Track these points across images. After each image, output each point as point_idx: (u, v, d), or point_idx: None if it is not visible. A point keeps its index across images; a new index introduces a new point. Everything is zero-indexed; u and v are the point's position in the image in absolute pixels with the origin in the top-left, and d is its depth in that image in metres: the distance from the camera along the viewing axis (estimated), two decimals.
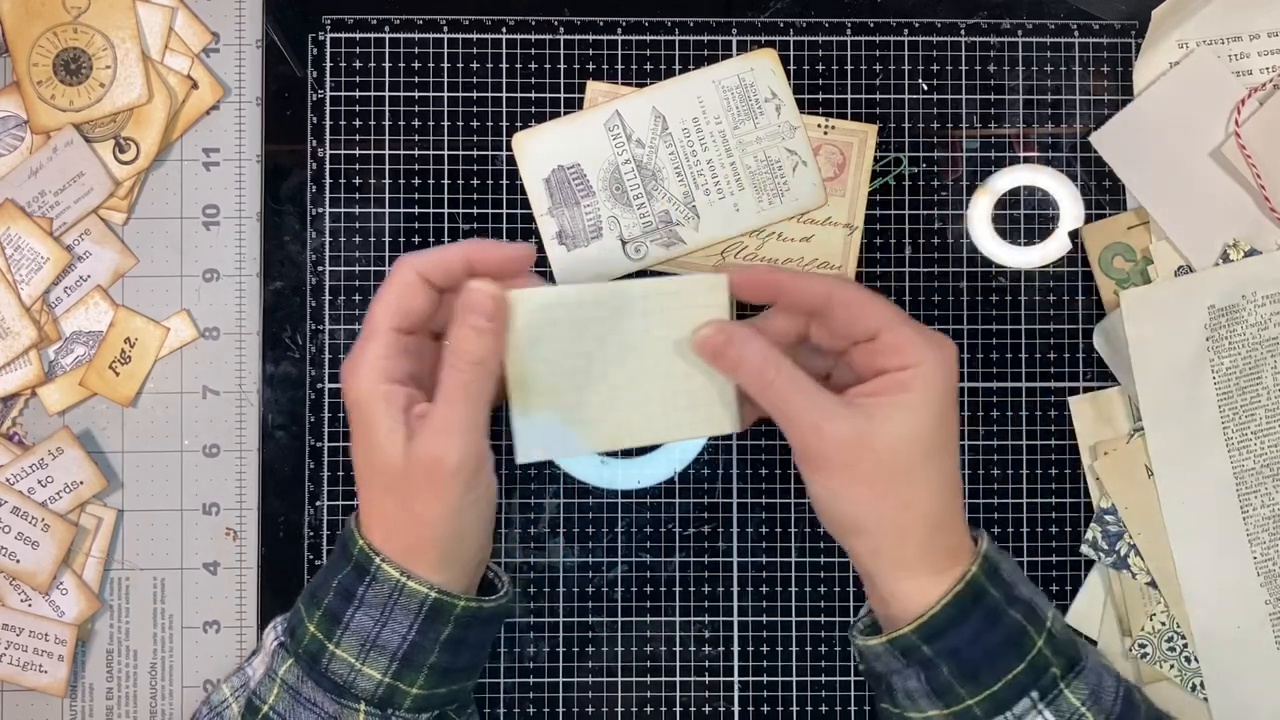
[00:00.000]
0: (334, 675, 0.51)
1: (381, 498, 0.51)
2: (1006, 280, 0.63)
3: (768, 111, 0.61)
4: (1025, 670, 0.51)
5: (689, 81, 0.62)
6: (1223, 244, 0.61)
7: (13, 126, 0.61)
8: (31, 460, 0.60)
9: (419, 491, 0.50)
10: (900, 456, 0.50)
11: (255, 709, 0.52)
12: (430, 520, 0.50)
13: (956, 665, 0.51)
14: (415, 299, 0.51)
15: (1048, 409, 0.62)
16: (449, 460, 0.49)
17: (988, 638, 0.51)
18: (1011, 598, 0.52)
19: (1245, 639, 0.60)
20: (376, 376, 0.50)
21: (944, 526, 0.51)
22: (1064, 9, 0.63)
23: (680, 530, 0.62)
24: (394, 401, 0.50)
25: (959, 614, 0.51)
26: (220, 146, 0.63)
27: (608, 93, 0.62)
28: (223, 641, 0.62)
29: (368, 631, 0.50)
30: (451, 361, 0.50)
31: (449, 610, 0.51)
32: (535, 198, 0.62)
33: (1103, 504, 0.61)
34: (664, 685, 0.62)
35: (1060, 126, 0.63)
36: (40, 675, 0.61)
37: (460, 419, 0.49)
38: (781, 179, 0.61)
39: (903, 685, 0.52)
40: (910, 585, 0.51)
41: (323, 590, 0.52)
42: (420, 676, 0.51)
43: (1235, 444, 0.60)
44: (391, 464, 0.50)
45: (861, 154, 0.62)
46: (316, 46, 0.62)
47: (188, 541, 0.62)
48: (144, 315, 0.62)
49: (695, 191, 0.61)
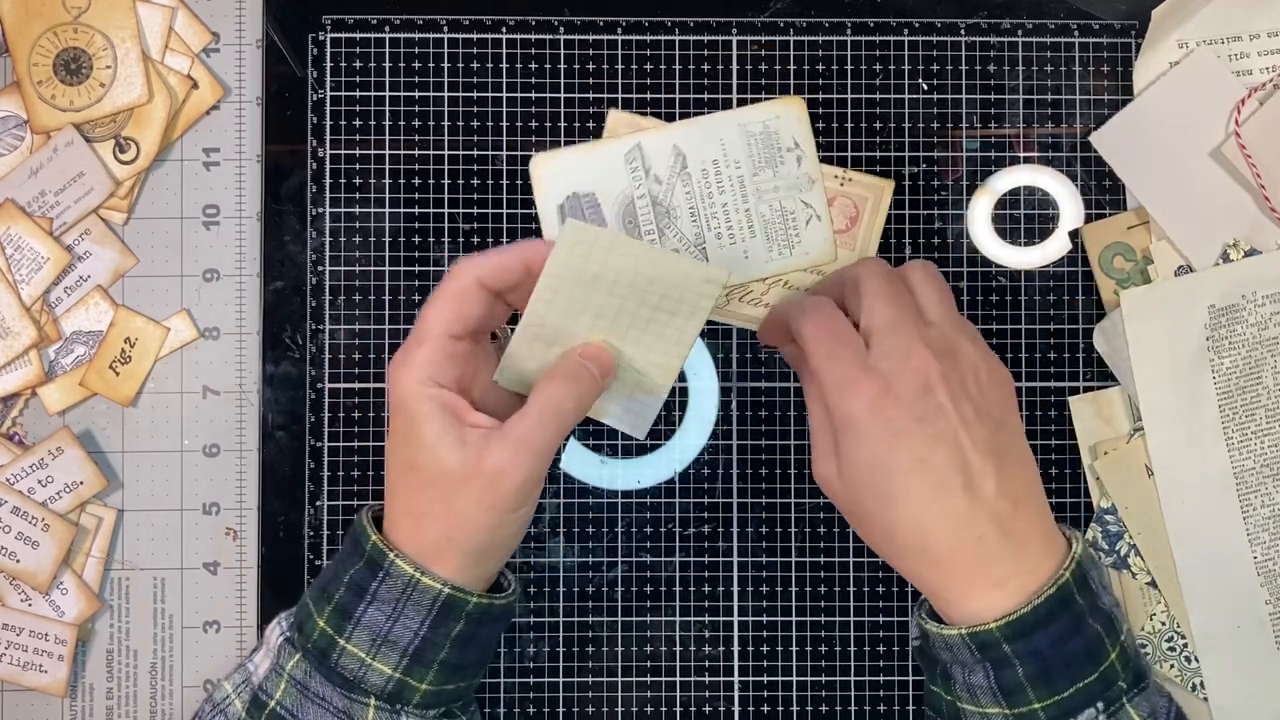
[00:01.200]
0: (344, 670, 0.51)
1: (416, 494, 0.51)
2: (1006, 280, 0.63)
3: (789, 161, 0.61)
4: (1097, 680, 0.50)
5: (713, 122, 0.61)
6: (1223, 244, 0.61)
7: (13, 126, 0.61)
8: (31, 460, 0.60)
9: (471, 495, 0.50)
10: (860, 489, 0.51)
11: (261, 704, 0.52)
12: (471, 523, 0.50)
13: (1035, 667, 0.50)
14: (471, 305, 0.52)
15: (1048, 409, 0.62)
16: (515, 475, 0.50)
17: (1069, 644, 0.50)
18: (1095, 607, 0.51)
19: (1245, 639, 0.60)
20: (425, 379, 0.51)
21: (1018, 534, 0.51)
22: (1064, 9, 0.63)
23: (680, 530, 0.62)
24: (444, 405, 0.51)
25: (1047, 616, 0.50)
26: (220, 146, 0.63)
27: (629, 124, 0.61)
28: (223, 641, 0.62)
29: (379, 627, 0.51)
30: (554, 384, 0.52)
31: (461, 606, 0.51)
32: (547, 222, 0.61)
33: (1103, 504, 0.61)
34: (664, 685, 0.62)
35: (1060, 126, 0.63)
36: (40, 675, 0.61)
37: (542, 441, 0.50)
38: (794, 230, 0.61)
39: (965, 678, 0.52)
40: (981, 596, 0.51)
41: (333, 585, 0.52)
42: (430, 672, 0.51)
43: (1235, 444, 0.60)
44: (439, 463, 0.50)
45: (876, 209, 0.61)
46: (316, 46, 0.62)
47: (188, 541, 0.62)
48: (144, 315, 0.62)
49: (707, 234, 0.61)
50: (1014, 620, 0.50)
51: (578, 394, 0.52)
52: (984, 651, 0.51)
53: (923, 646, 0.54)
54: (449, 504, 0.50)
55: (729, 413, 0.62)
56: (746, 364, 0.62)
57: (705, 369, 0.62)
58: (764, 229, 0.61)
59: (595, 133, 0.62)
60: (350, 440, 0.62)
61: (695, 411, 0.62)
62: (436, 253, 0.62)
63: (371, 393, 0.62)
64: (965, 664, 0.52)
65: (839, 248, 0.61)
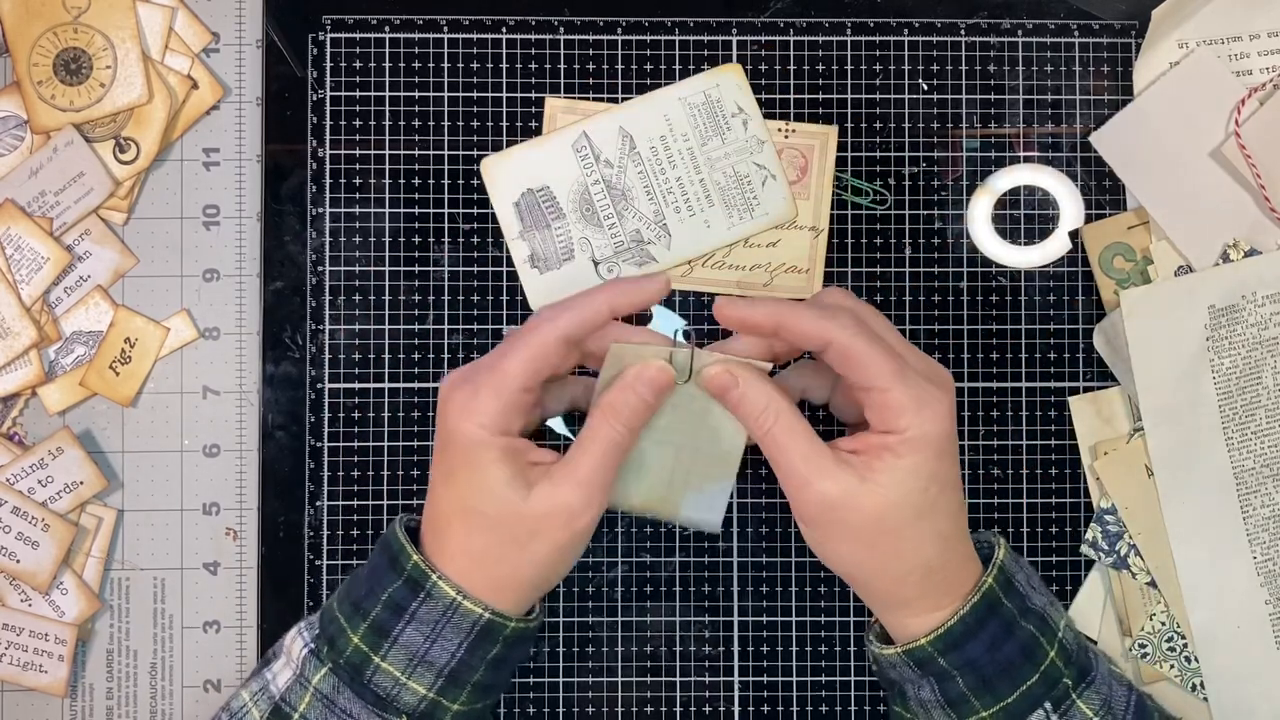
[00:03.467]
0: (377, 688, 0.51)
1: (477, 535, 0.51)
2: (1006, 280, 0.63)
3: (735, 127, 0.61)
4: (1039, 681, 0.51)
5: (655, 100, 0.62)
6: (1223, 244, 0.61)
7: (13, 126, 0.61)
8: (31, 460, 0.60)
9: (544, 536, 0.50)
10: (888, 518, 0.50)
11: (284, 716, 0.51)
12: (542, 563, 0.51)
13: (973, 677, 0.51)
14: (551, 360, 0.51)
15: (1048, 409, 0.62)
16: (587, 516, 0.50)
17: (1003, 649, 0.51)
18: (1025, 609, 0.52)
19: (1245, 639, 0.60)
20: (493, 429, 0.50)
21: (940, 569, 0.52)
22: (1064, 9, 0.63)
23: (680, 530, 0.62)
24: (509, 451, 0.51)
25: (975, 625, 0.51)
26: (220, 146, 0.63)
27: (566, 108, 0.62)
28: (223, 641, 0.62)
29: (417, 647, 0.50)
30: (609, 419, 0.51)
31: (499, 630, 0.51)
32: (505, 222, 0.62)
33: (1103, 504, 0.61)
34: (664, 685, 0.62)
35: (1060, 126, 0.63)
36: (40, 675, 0.61)
37: (602, 474, 0.51)
38: (751, 194, 0.61)
39: (916, 695, 0.53)
40: (910, 621, 0.52)
41: (369, 602, 0.51)
42: (463, 693, 0.51)
43: (1235, 444, 0.60)
44: (509, 509, 0.50)
45: (823, 156, 0.62)
46: (316, 46, 0.62)
47: (188, 541, 0.62)
48: (144, 315, 0.62)
49: (666, 210, 0.61)
50: (943, 634, 0.51)
51: (631, 426, 0.52)
52: (923, 667, 0.51)
53: (878, 669, 0.55)
54: (522, 546, 0.50)
55: None
56: None
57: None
58: (721, 197, 0.61)
59: None
60: (350, 440, 0.62)
61: None
62: (436, 253, 0.62)
63: (371, 393, 0.62)
64: (912, 681, 0.53)
65: (794, 198, 0.62)
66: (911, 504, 0.50)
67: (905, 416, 0.50)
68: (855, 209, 0.62)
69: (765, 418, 0.51)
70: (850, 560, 0.52)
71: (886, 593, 0.52)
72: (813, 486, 0.50)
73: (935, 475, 0.51)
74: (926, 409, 0.50)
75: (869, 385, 0.50)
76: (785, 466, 0.51)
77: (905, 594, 0.52)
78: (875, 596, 0.53)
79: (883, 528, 0.50)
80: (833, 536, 0.51)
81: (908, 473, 0.50)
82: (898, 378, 0.50)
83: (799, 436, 0.51)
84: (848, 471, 0.50)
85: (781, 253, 0.62)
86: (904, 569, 0.51)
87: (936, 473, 0.51)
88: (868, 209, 0.62)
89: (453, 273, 0.62)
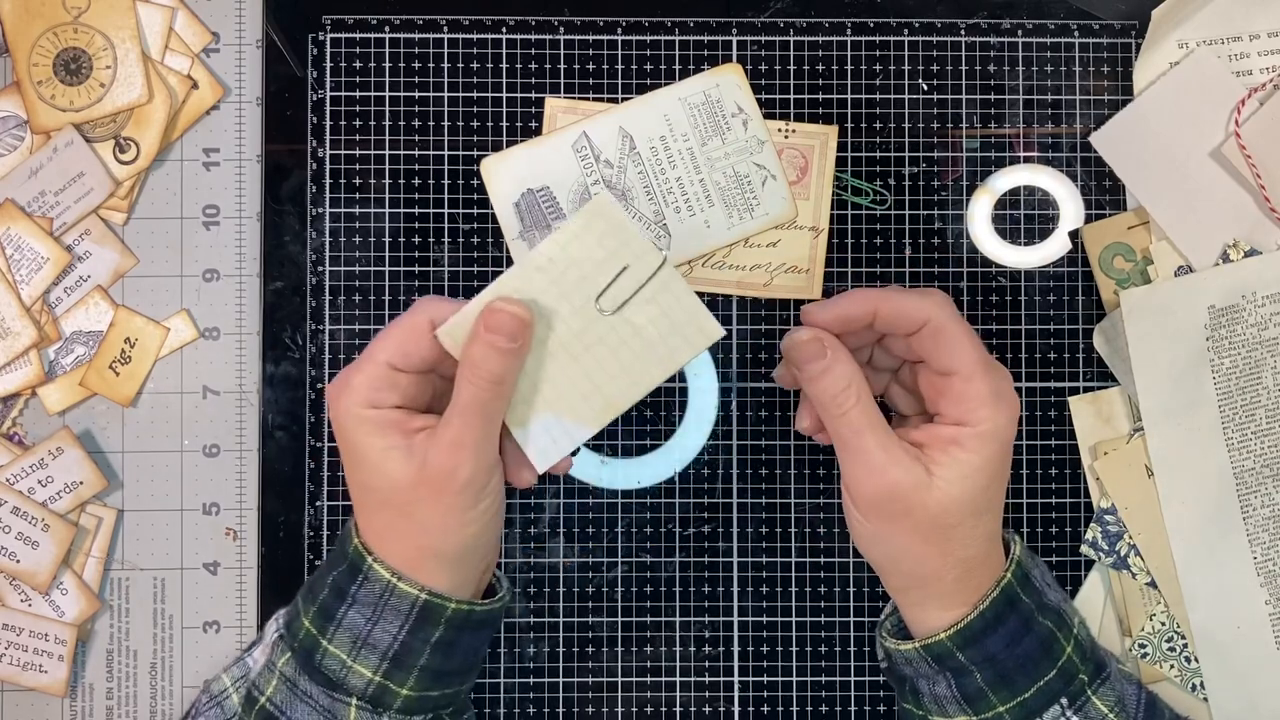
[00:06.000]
0: (327, 670, 0.51)
1: (377, 511, 0.51)
2: (1006, 280, 0.63)
3: (735, 127, 0.61)
4: (1056, 676, 0.51)
5: (655, 100, 0.62)
6: (1223, 244, 0.61)
7: (13, 126, 0.61)
8: (31, 460, 0.60)
9: (425, 503, 0.50)
10: (950, 514, 0.50)
11: (254, 700, 0.52)
12: (435, 530, 0.50)
13: (991, 672, 0.51)
14: (420, 345, 0.50)
15: (1048, 409, 0.62)
16: (461, 474, 0.49)
17: (1022, 643, 0.51)
18: (1042, 604, 0.52)
19: (1245, 639, 0.60)
20: (360, 402, 0.50)
21: (978, 568, 0.52)
22: (1064, 9, 0.63)
23: (680, 530, 0.62)
24: (383, 423, 0.50)
25: (994, 620, 0.51)
26: (220, 146, 0.63)
27: (566, 108, 0.62)
28: (223, 641, 0.62)
29: (359, 629, 0.51)
30: (469, 378, 0.49)
31: (439, 612, 0.51)
32: (505, 222, 0.62)
33: (1103, 504, 0.61)
34: (664, 685, 0.62)
35: (1060, 126, 0.63)
36: (40, 675, 0.61)
37: (475, 436, 0.49)
38: (751, 194, 0.61)
39: (931, 690, 0.52)
40: (938, 615, 0.52)
41: (319, 586, 0.52)
42: (410, 677, 0.51)
43: (1235, 444, 0.60)
44: (389, 479, 0.50)
45: (823, 156, 0.61)
46: (316, 46, 0.62)
47: (188, 541, 0.62)
48: (144, 315, 0.62)
49: (666, 210, 0.61)
50: (962, 628, 0.51)
51: (493, 379, 0.49)
52: (941, 663, 0.51)
53: (889, 666, 0.55)
54: (409, 516, 0.50)
55: (729, 413, 0.62)
56: (746, 364, 0.62)
57: (705, 369, 0.62)
58: (721, 197, 0.61)
59: None
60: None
61: (695, 411, 0.62)
62: (436, 253, 0.62)
63: None
64: (928, 677, 0.52)
65: (794, 198, 0.61)
66: (971, 500, 0.50)
67: (984, 408, 0.50)
68: (855, 209, 0.62)
69: (846, 397, 0.50)
70: (899, 550, 0.51)
71: (923, 586, 0.52)
72: (886, 475, 0.50)
73: (997, 475, 0.51)
74: (1003, 403, 0.50)
75: (954, 370, 0.50)
76: (858, 451, 0.50)
77: (941, 588, 0.51)
78: (909, 589, 0.52)
79: (940, 522, 0.50)
80: (889, 526, 0.51)
81: (974, 469, 0.50)
82: (983, 366, 0.50)
83: (878, 422, 0.50)
84: (918, 464, 0.50)
85: (781, 253, 0.62)
86: (948, 564, 0.51)
87: (999, 473, 0.51)
88: (868, 209, 0.62)
89: (453, 273, 0.62)
